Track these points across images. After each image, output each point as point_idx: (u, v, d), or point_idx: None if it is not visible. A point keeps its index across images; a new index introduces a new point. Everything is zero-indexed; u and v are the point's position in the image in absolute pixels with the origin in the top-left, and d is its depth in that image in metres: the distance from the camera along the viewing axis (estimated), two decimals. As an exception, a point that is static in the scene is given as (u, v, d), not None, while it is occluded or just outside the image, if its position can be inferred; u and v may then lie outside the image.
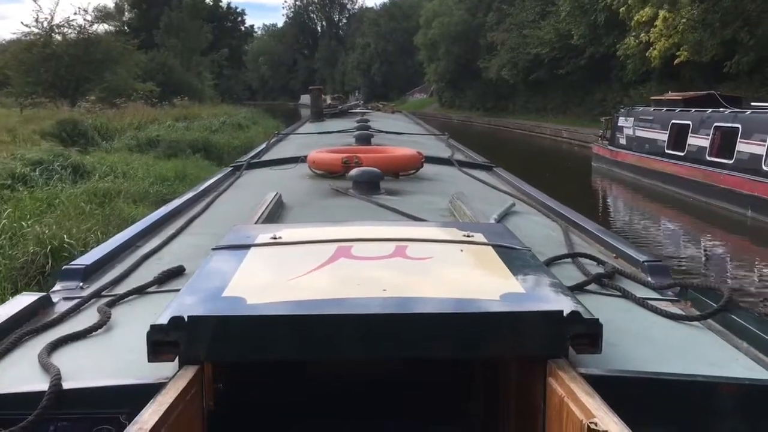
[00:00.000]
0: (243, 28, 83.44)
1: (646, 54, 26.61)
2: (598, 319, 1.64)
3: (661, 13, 24.46)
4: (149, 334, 1.60)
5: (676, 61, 25.12)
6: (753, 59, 23.65)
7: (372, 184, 3.97)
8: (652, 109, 19.87)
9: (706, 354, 1.88)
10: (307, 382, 2.77)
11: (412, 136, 8.41)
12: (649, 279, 2.51)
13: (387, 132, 8.01)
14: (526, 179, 5.17)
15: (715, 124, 15.66)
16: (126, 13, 74.89)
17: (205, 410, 1.72)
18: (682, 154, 16.93)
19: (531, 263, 2.16)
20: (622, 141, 21.23)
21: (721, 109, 16.04)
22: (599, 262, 2.65)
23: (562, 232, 3.24)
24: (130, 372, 1.69)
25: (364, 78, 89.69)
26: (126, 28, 60.32)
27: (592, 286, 2.35)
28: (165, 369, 1.64)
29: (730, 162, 14.62)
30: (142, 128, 25.11)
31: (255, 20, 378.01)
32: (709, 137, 15.69)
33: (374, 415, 2.81)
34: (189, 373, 1.62)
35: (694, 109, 17.17)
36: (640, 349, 1.86)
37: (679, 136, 17.40)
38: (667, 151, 17.87)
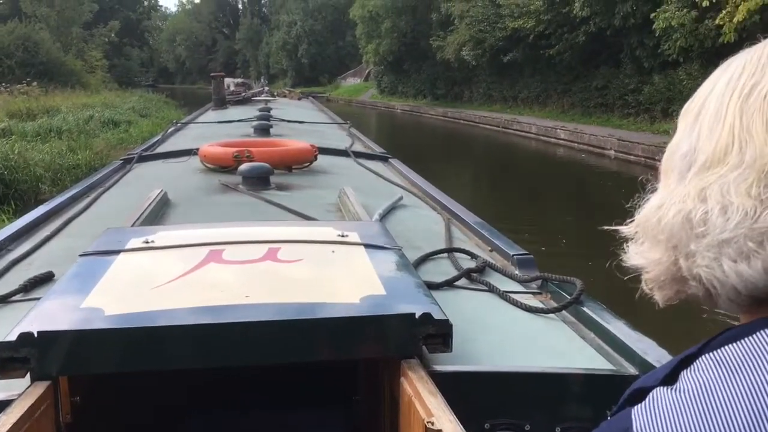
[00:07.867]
0: (146, 2, 72.34)
1: (706, 24, 18.20)
2: (447, 320, 1.68)
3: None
4: None
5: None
6: None
7: (262, 179, 3.91)
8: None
9: (554, 346, 1.96)
10: (185, 385, 2.59)
11: (313, 125, 8.36)
12: (517, 272, 2.61)
13: (288, 121, 8.03)
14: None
15: None
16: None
17: (63, 425, 1.67)
18: None
19: (398, 263, 2.18)
20: None
21: None
22: (473, 256, 2.73)
23: (444, 225, 3.30)
24: None
25: (290, 60, 79.21)
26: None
27: (462, 281, 2.42)
28: (17, 385, 1.57)
29: None
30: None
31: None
32: None
33: (260, 407, 2.71)
34: (38, 389, 1.55)
35: None
36: (495, 343, 1.93)
37: None
38: None
